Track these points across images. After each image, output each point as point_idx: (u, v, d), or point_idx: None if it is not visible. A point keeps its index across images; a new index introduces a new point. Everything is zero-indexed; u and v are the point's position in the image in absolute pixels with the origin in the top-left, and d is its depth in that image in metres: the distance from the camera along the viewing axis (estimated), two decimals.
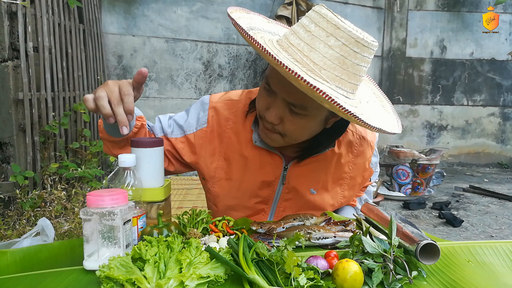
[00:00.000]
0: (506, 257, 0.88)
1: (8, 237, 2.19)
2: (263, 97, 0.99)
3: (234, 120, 1.13)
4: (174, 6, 4.52)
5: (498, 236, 3.26)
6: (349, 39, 0.82)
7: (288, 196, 1.16)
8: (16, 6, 2.62)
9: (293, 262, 0.71)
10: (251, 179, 1.13)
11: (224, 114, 1.14)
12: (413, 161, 4.23)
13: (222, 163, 1.14)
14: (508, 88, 6.10)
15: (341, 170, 1.16)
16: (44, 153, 2.89)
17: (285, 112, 0.95)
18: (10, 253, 0.86)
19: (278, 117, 0.95)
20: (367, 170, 1.21)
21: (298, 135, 1.00)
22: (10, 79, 2.63)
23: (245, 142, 1.12)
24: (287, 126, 0.97)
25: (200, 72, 4.74)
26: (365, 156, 1.18)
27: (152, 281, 0.69)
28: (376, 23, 5.78)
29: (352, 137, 1.16)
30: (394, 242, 0.80)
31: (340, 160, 1.15)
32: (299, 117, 0.95)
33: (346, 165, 1.16)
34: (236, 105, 1.15)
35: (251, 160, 1.12)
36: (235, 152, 1.13)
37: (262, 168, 1.12)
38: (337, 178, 1.17)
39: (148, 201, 0.93)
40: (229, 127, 1.13)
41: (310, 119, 0.96)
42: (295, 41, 0.86)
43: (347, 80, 0.86)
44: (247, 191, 1.15)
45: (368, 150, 1.18)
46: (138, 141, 0.94)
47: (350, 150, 1.16)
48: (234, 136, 1.13)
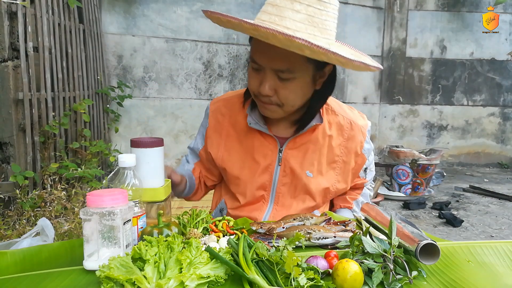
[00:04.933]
0: (506, 257, 0.88)
1: (8, 237, 2.19)
2: (252, 77, 1.07)
3: (230, 114, 1.24)
4: (174, 6, 4.51)
5: (498, 236, 3.26)
6: (311, 0, 0.92)
7: (286, 180, 1.20)
8: (16, 6, 2.62)
9: (293, 262, 0.71)
10: (250, 166, 1.20)
11: (221, 111, 1.26)
12: (413, 161, 4.23)
13: (223, 153, 1.24)
14: (508, 88, 6.10)
15: (333, 153, 1.21)
16: (44, 153, 2.89)
17: (275, 82, 1.02)
18: (10, 253, 0.86)
19: (271, 88, 1.03)
20: (359, 155, 1.24)
21: (293, 99, 1.07)
22: (10, 79, 2.63)
23: (241, 129, 1.22)
24: (281, 94, 1.04)
25: (200, 72, 4.74)
26: (356, 141, 1.22)
27: (152, 281, 0.69)
28: (376, 23, 5.78)
29: (342, 121, 1.22)
30: (394, 242, 0.80)
31: (331, 143, 1.21)
32: (289, 82, 1.02)
33: (337, 147, 1.21)
34: (231, 100, 1.26)
35: (248, 146, 1.21)
36: (233, 141, 1.23)
37: (258, 152, 1.20)
38: (330, 161, 1.22)
39: (148, 201, 0.93)
40: (226, 122, 1.24)
41: (299, 81, 1.04)
42: (266, 17, 0.94)
43: (320, 36, 0.94)
44: (247, 178, 1.21)
45: (359, 135, 1.23)
46: (138, 141, 0.94)
47: (340, 133, 1.22)
48: (232, 128, 1.24)
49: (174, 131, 4.64)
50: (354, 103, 5.71)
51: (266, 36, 0.86)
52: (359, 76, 5.78)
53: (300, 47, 0.84)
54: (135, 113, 4.49)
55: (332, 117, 1.22)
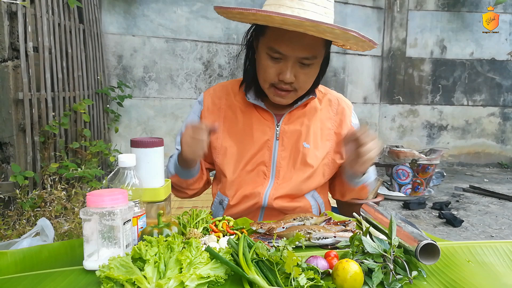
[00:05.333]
0: (506, 257, 0.88)
1: (8, 237, 2.19)
2: (270, 66, 1.12)
3: (226, 97, 1.30)
4: (174, 6, 4.51)
5: (498, 236, 3.26)
6: None
7: (285, 153, 1.25)
8: (16, 6, 2.62)
9: (293, 262, 0.71)
10: (249, 143, 1.25)
11: (217, 94, 1.31)
12: (413, 161, 4.23)
13: (222, 133, 1.27)
14: (508, 88, 6.09)
15: (325, 125, 1.30)
16: (44, 153, 2.89)
17: (297, 69, 1.11)
18: (10, 253, 0.86)
19: (294, 75, 1.12)
20: (349, 128, 1.31)
21: (308, 83, 1.18)
22: (10, 79, 2.63)
23: (239, 109, 1.28)
24: (301, 79, 1.13)
25: (200, 72, 4.74)
26: (345, 115, 1.31)
27: (152, 281, 0.69)
28: (376, 23, 5.78)
29: (331, 97, 1.33)
30: (394, 242, 0.80)
31: (322, 116, 1.30)
32: (309, 67, 1.13)
33: (328, 120, 1.30)
34: (226, 86, 1.33)
35: (246, 124, 1.26)
36: (231, 122, 1.27)
37: (257, 129, 1.25)
38: (324, 133, 1.29)
39: (148, 201, 0.93)
40: (224, 104, 1.30)
41: (316, 65, 1.15)
42: (287, 10, 1.02)
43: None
44: (248, 156, 1.24)
45: (348, 110, 1.33)
46: (138, 141, 0.94)
47: (330, 108, 1.32)
48: (229, 110, 1.29)
49: (174, 131, 4.64)
50: (354, 103, 5.68)
51: (303, 26, 0.95)
52: (359, 76, 5.78)
53: (347, 36, 0.98)
54: (135, 113, 4.49)
55: (322, 94, 1.33)
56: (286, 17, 0.93)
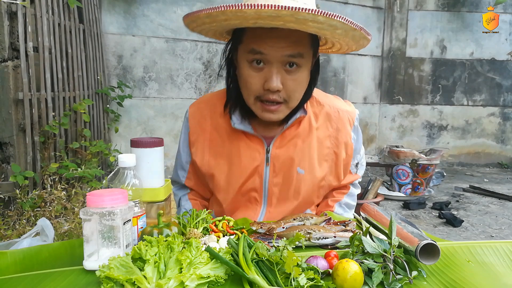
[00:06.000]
0: (506, 257, 0.88)
1: (8, 237, 2.19)
2: (253, 76, 1.01)
3: (211, 116, 1.18)
4: (174, 6, 4.51)
5: (498, 236, 3.25)
6: None
7: (277, 180, 1.15)
8: (16, 6, 2.61)
9: (293, 262, 0.71)
10: (237, 170, 1.15)
11: (202, 113, 1.20)
12: (413, 161, 4.23)
13: (209, 159, 1.18)
14: (508, 88, 6.09)
15: (323, 145, 1.17)
16: (44, 153, 2.89)
17: (283, 74, 1.00)
18: (10, 253, 0.86)
19: (280, 82, 0.99)
20: (349, 145, 1.20)
21: (300, 91, 1.05)
22: (10, 79, 2.63)
23: (224, 132, 1.17)
24: (289, 87, 1.01)
25: (200, 72, 4.74)
26: (346, 130, 1.19)
27: (152, 281, 0.69)
28: (376, 23, 5.78)
29: (329, 110, 1.18)
30: (394, 242, 0.80)
31: (319, 135, 1.17)
32: (296, 72, 1.01)
33: (326, 139, 1.17)
34: (211, 102, 1.21)
35: (234, 150, 1.15)
36: (218, 146, 1.17)
37: (245, 155, 1.14)
38: (321, 154, 1.17)
39: (148, 201, 0.93)
40: (209, 125, 1.18)
41: (304, 69, 1.03)
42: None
43: None
44: (237, 184, 1.16)
45: (347, 124, 1.19)
46: (138, 141, 0.94)
47: (329, 123, 1.18)
48: (215, 131, 1.18)
49: (174, 131, 4.64)
50: (354, 103, 5.67)
51: (281, 17, 0.84)
52: (359, 76, 5.78)
53: (333, 25, 0.87)
54: (135, 113, 4.49)
55: (318, 108, 1.18)
56: (259, 9, 0.83)
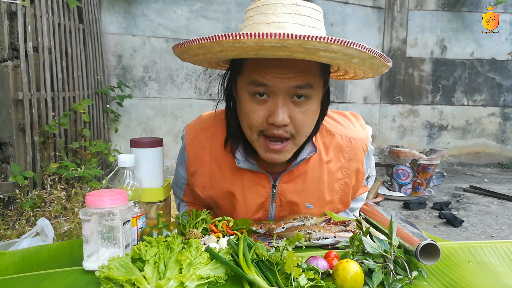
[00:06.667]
0: (506, 257, 0.88)
1: (8, 237, 2.19)
2: (256, 110, 0.90)
3: (211, 147, 1.08)
4: (174, 6, 4.51)
5: (498, 236, 3.25)
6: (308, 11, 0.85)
7: (283, 213, 1.10)
8: (16, 6, 2.61)
9: (293, 262, 0.71)
10: (242, 206, 1.09)
11: (200, 143, 1.10)
12: (413, 161, 4.23)
13: (210, 192, 1.12)
14: (509, 88, 6.09)
15: (334, 177, 1.09)
16: (44, 153, 2.89)
17: (290, 107, 0.89)
18: (9, 254, 0.86)
19: (287, 115, 0.88)
20: (360, 172, 1.13)
21: (309, 125, 0.95)
22: (10, 79, 2.63)
23: (226, 167, 1.07)
24: (297, 120, 0.90)
25: (200, 72, 4.74)
26: (358, 159, 1.10)
27: (152, 282, 0.69)
28: (376, 23, 5.78)
29: (341, 141, 1.08)
30: (394, 242, 0.79)
31: (331, 167, 1.08)
32: (305, 105, 0.90)
33: (338, 171, 1.09)
34: (210, 131, 1.10)
35: (237, 186, 1.07)
36: (219, 180, 1.09)
37: (250, 191, 1.07)
38: (333, 187, 1.09)
39: (148, 201, 0.93)
40: (207, 155, 1.09)
41: (314, 101, 0.92)
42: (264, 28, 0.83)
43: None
44: (242, 214, 1.11)
45: (361, 151, 1.10)
46: (138, 141, 0.94)
47: (341, 154, 1.09)
48: (215, 163, 1.08)
49: (174, 131, 4.64)
50: (354, 103, 5.71)
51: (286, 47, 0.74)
52: None
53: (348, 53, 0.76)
54: (135, 113, 4.49)
55: (328, 138, 1.08)
56: (261, 39, 0.71)
